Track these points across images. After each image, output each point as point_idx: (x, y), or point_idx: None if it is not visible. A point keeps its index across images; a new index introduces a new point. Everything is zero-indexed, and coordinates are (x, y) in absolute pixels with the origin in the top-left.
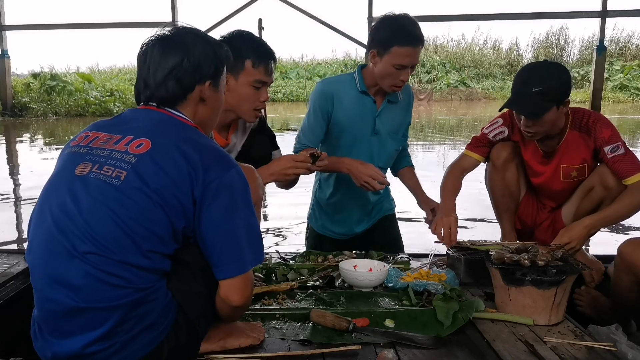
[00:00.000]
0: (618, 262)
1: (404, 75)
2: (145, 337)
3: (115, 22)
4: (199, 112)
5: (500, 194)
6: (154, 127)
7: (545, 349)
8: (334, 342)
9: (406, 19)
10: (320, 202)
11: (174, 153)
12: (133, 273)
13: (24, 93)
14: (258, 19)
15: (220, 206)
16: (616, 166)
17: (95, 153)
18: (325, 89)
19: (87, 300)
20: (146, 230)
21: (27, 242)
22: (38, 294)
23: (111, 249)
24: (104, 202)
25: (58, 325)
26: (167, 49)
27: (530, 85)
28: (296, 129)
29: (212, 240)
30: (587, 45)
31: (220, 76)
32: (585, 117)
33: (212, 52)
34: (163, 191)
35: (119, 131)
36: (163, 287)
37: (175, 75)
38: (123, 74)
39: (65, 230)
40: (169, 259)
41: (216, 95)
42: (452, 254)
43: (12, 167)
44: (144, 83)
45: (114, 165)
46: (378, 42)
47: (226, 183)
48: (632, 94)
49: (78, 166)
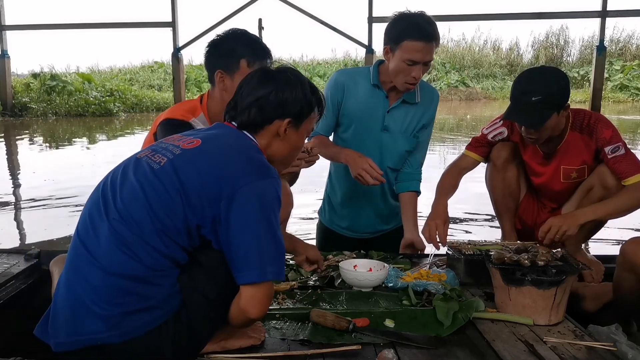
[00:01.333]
0: (620, 261)
1: (415, 71)
2: (143, 317)
3: (115, 22)
4: (273, 146)
5: (501, 194)
6: (217, 135)
7: (545, 349)
8: (333, 342)
9: (420, 15)
10: (332, 200)
11: (215, 157)
12: (146, 251)
13: (24, 93)
14: (258, 19)
15: (250, 210)
16: (616, 167)
17: (161, 145)
18: (338, 79)
19: (102, 262)
20: (166, 216)
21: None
22: (71, 251)
23: (132, 224)
24: (140, 183)
25: (75, 281)
26: (264, 80)
27: (529, 95)
28: None
29: (238, 243)
30: (587, 45)
31: (305, 119)
32: (587, 118)
33: (302, 94)
34: (187, 185)
35: (191, 135)
36: (172, 277)
37: (260, 104)
38: (123, 74)
39: (106, 199)
40: (185, 252)
41: (295, 135)
42: (452, 254)
43: (12, 167)
44: (234, 105)
45: (162, 154)
46: (390, 37)
47: (259, 190)
48: (632, 94)
49: (143, 152)
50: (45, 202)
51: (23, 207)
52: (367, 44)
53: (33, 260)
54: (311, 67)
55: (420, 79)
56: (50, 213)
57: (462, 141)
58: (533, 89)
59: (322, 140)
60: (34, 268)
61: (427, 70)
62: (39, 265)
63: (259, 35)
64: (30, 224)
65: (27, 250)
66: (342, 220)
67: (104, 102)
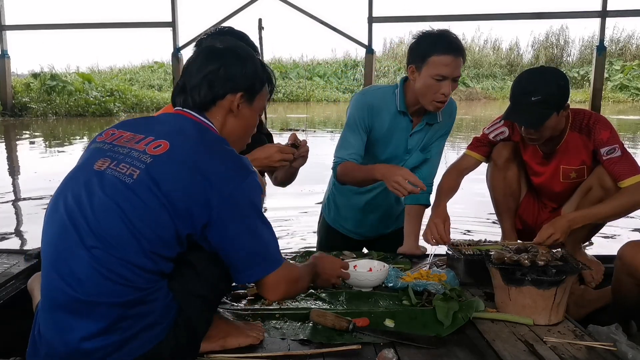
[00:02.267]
0: (618, 265)
1: (445, 87)
2: (145, 336)
3: (115, 22)
4: (227, 124)
5: (501, 193)
6: (178, 131)
7: (545, 349)
8: (333, 341)
9: (445, 30)
10: (338, 203)
11: (190, 159)
12: (134, 272)
13: (24, 93)
14: (258, 19)
15: (243, 213)
16: (611, 168)
17: (116, 150)
18: (365, 101)
19: (88, 294)
20: (152, 232)
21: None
22: (44, 280)
23: (115, 247)
24: (114, 200)
25: (58, 317)
26: (210, 57)
27: (529, 95)
28: (297, 129)
29: (238, 245)
30: (587, 45)
31: (257, 94)
32: (586, 118)
33: (252, 69)
34: (172, 195)
35: (143, 131)
36: (164, 288)
37: (209, 79)
38: (123, 74)
39: (76, 222)
40: (172, 262)
41: (248, 111)
42: (452, 254)
43: (12, 167)
44: (182, 87)
45: (129, 163)
46: (416, 55)
47: (246, 190)
48: (632, 94)
49: (98, 161)
50: (46, 201)
51: (23, 207)
52: (367, 44)
53: (33, 261)
54: (311, 67)
55: (449, 95)
56: None
57: (461, 141)
58: (533, 89)
59: (346, 166)
60: (34, 268)
61: (455, 87)
62: (39, 266)
63: (259, 36)
64: (30, 223)
65: (27, 250)
66: (347, 223)
67: (104, 102)
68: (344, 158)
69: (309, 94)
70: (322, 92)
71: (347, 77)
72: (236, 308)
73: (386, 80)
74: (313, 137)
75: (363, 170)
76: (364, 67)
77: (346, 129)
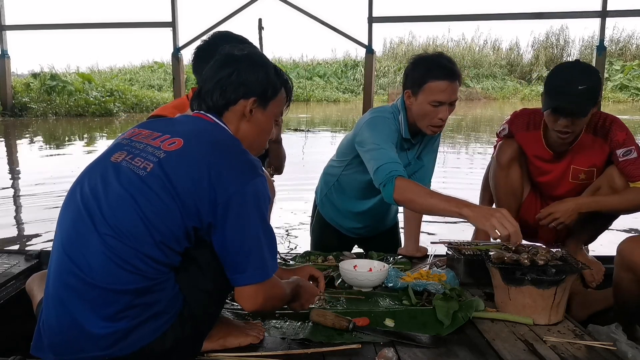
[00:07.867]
0: (618, 261)
1: (442, 113)
2: (151, 325)
3: (115, 22)
4: (241, 129)
5: (503, 192)
6: (193, 130)
7: (545, 348)
8: (333, 341)
9: (439, 55)
10: (336, 204)
11: (201, 157)
12: (145, 262)
13: (24, 93)
14: (258, 19)
15: (247, 214)
16: (626, 169)
17: (133, 145)
18: (387, 116)
19: (99, 279)
20: (162, 223)
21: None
22: (55, 265)
23: (127, 235)
24: (128, 191)
25: (67, 300)
26: (225, 62)
27: (576, 84)
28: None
29: (238, 247)
30: (587, 45)
31: (271, 100)
32: (601, 119)
33: (264, 75)
34: (182, 190)
35: (162, 130)
36: (171, 280)
37: (222, 85)
38: (123, 74)
39: (91, 210)
40: (180, 255)
41: (263, 116)
42: (452, 254)
43: (12, 167)
44: (199, 92)
45: (144, 157)
46: (412, 81)
47: (252, 192)
48: (632, 94)
49: (115, 154)
50: (46, 202)
51: (23, 207)
52: (367, 44)
53: (33, 261)
54: (311, 67)
55: (446, 120)
56: (51, 213)
57: (461, 141)
58: (579, 78)
59: (411, 186)
60: (34, 268)
61: (452, 110)
62: (39, 266)
63: (259, 36)
64: (30, 223)
65: (27, 251)
66: (345, 222)
67: (104, 102)
68: (398, 171)
69: (309, 94)
70: (322, 92)
71: (347, 77)
72: (236, 308)
73: (386, 80)
74: (313, 137)
75: (443, 199)
76: (364, 67)
77: (380, 143)
